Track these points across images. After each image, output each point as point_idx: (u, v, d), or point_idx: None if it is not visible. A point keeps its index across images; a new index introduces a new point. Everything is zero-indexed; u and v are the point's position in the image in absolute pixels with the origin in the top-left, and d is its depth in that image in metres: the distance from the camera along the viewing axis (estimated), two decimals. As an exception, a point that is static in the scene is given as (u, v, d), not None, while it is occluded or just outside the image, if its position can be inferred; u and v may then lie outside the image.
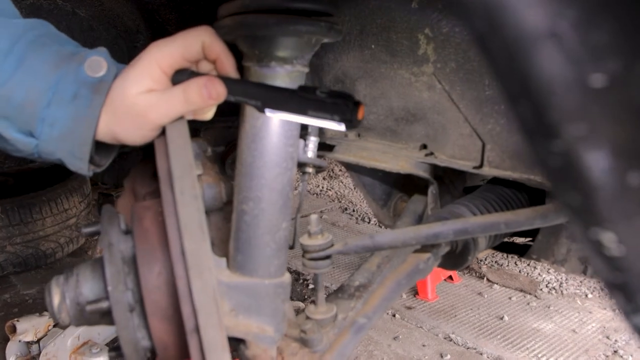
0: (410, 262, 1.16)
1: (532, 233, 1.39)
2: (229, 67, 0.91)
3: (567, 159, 0.31)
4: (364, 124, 1.34)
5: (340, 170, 4.94)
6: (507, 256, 3.49)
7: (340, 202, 4.47)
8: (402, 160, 1.26)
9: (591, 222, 0.33)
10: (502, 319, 2.83)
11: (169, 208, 0.89)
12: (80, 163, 0.92)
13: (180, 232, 0.86)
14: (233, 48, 0.94)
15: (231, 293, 1.03)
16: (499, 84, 0.31)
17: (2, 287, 2.99)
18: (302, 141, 1.19)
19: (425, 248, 1.20)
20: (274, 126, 1.05)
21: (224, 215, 1.17)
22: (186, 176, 0.90)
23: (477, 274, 3.27)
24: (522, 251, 1.37)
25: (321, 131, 1.35)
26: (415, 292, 3.03)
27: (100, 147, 0.95)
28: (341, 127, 0.77)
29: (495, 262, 3.40)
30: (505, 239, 1.49)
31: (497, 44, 0.29)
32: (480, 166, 1.15)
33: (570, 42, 0.27)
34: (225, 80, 0.89)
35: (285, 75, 0.99)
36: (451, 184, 1.43)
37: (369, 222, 4.08)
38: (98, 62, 0.88)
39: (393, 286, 1.12)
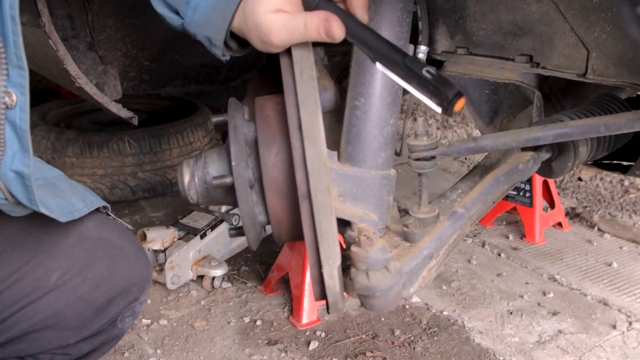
0: (510, 163, 1.22)
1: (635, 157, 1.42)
2: (359, 4, 0.97)
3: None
4: (474, 39, 1.39)
5: (454, 120, 4.95)
6: (622, 208, 3.42)
7: (451, 152, 4.48)
8: (508, 71, 1.32)
9: None
10: (610, 265, 2.80)
11: (289, 86, 1.00)
12: (215, 50, 1.06)
13: (297, 106, 0.97)
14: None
15: (340, 180, 1.13)
16: None
17: (133, 209, 3.27)
18: (411, 46, 1.27)
19: (526, 152, 1.25)
20: (385, 28, 1.13)
21: (337, 118, 1.27)
22: (305, 60, 1.00)
23: (588, 222, 3.23)
24: (624, 170, 1.40)
25: (431, 44, 1.42)
26: (522, 235, 3.05)
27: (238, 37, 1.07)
28: (437, 109, 0.83)
29: (609, 213, 3.34)
30: (610, 161, 1.51)
31: None
32: (585, 74, 1.19)
33: None
34: (348, 20, 0.95)
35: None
36: (557, 102, 1.47)
37: (479, 171, 4.08)
38: None
39: (492, 182, 1.19)
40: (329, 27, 0.94)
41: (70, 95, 4.08)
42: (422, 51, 1.34)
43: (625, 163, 1.50)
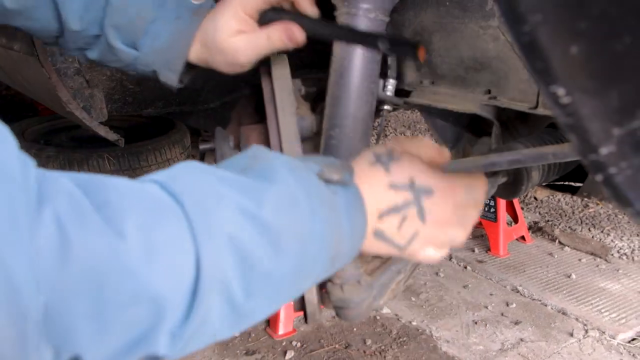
0: (470, 187, 1.35)
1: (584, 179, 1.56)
2: (306, 2, 1.08)
3: (533, 39, 0.51)
4: (438, 72, 1.53)
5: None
6: (581, 222, 3.59)
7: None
8: (469, 102, 1.45)
9: (550, 81, 0.52)
10: (569, 277, 2.96)
11: (272, 120, 1.12)
12: (172, 75, 1.12)
13: (280, 140, 1.09)
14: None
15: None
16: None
17: (112, 224, 3.35)
18: (381, 81, 1.39)
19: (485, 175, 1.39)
20: (358, 66, 1.26)
21: (313, 145, 1.39)
22: (286, 96, 1.13)
23: (550, 236, 3.40)
24: (574, 190, 1.54)
25: (399, 78, 1.55)
26: (487, 248, 3.20)
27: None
28: (409, 54, 0.98)
29: (569, 227, 3.51)
30: (561, 182, 1.66)
31: None
32: (536, 107, 1.32)
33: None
34: (304, 22, 1.07)
35: (369, 22, 1.19)
36: (514, 129, 1.60)
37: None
38: None
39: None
40: (290, 34, 1.05)
41: (48, 111, 4.14)
42: (391, 84, 1.46)
43: (574, 184, 1.65)
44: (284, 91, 1.14)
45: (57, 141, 3.66)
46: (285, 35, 1.06)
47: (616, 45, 0.51)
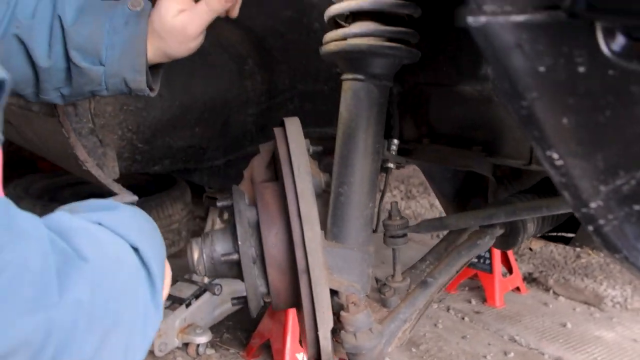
0: (471, 239, 1.45)
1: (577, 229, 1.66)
2: None
3: (530, 112, 0.61)
4: (436, 131, 1.63)
5: (417, 191, 5.21)
6: (575, 272, 3.67)
7: (416, 220, 4.74)
8: (466, 159, 1.55)
9: (546, 147, 0.62)
10: (565, 326, 3.03)
11: (289, 180, 1.21)
12: (139, 77, 1.23)
13: (297, 197, 1.18)
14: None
15: (329, 256, 1.33)
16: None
17: (115, 279, 3.39)
18: (386, 141, 1.49)
19: (483, 229, 1.48)
20: (363, 128, 1.35)
21: (322, 201, 1.47)
22: (302, 158, 1.22)
23: (544, 286, 3.47)
24: (567, 241, 1.63)
25: (401, 137, 1.65)
26: (483, 299, 3.27)
27: (152, 73, 1.27)
28: None
29: (563, 277, 3.59)
30: (555, 234, 1.75)
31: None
32: (530, 163, 1.42)
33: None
34: None
35: (373, 88, 1.29)
36: (508, 183, 1.70)
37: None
38: (137, 0, 1.21)
39: (455, 255, 1.41)
40: None
41: (47, 168, 4.23)
42: (394, 144, 1.56)
43: (567, 235, 1.74)
44: (299, 152, 1.24)
45: (60, 197, 3.73)
46: None
47: (599, 117, 0.61)
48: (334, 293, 1.32)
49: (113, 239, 0.80)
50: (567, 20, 0.57)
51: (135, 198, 2.05)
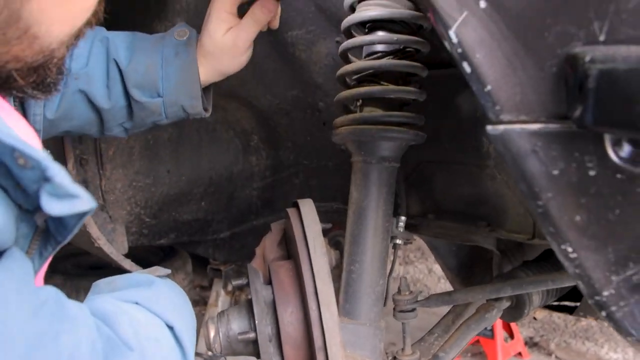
0: (479, 312, 1.49)
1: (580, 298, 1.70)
2: None
3: (546, 210, 0.67)
4: (441, 207, 1.69)
5: (415, 256, 5.24)
6: (575, 336, 3.68)
7: (415, 285, 4.77)
8: (471, 234, 1.60)
9: (561, 242, 0.67)
10: (569, 391, 3.04)
11: (305, 259, 1.26)
12: (196, 102, 1.30)
13: (313, 276, 1.23)
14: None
15: (342, 332, 1.37)
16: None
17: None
18: (394, 219, 1.54)
19: (490, 302, 1.52)
20: (373, 208, 1.40)
21: (333, 278, 1.51)
22: (317, 239, 1.27)
23: (546, 351, 3.48)
24: (571, 310, 1.67)
25: (407, 213, 1.71)
26: (487, 366, 3.28)
27: (204, 94, 1.33)
28: None
29: (564, 341, 3.60)
30: (558, 303, 1.79)
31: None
32: (533, 238, 1.48)
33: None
34: None
35: (383, 169, 1.34)
36: (512, 256, 1.75)
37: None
38: (182, 30, 1.30)
39: (465, 329, 1.45)
40: (266, 4, 1.25)
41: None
42: (402, 221, 1.61)
43: (571, 304, 1.78)
44: (315, 233, 1.29)
45: (62, 269, 3.73)
46: (264, 9, 1.26)
47: (609, 215, 0.67)
48: (347, 368, 1.35)
49: (151, 320, 0.86)
50: (577, 130, 0.64)
51: (168, 271, 2.09)
